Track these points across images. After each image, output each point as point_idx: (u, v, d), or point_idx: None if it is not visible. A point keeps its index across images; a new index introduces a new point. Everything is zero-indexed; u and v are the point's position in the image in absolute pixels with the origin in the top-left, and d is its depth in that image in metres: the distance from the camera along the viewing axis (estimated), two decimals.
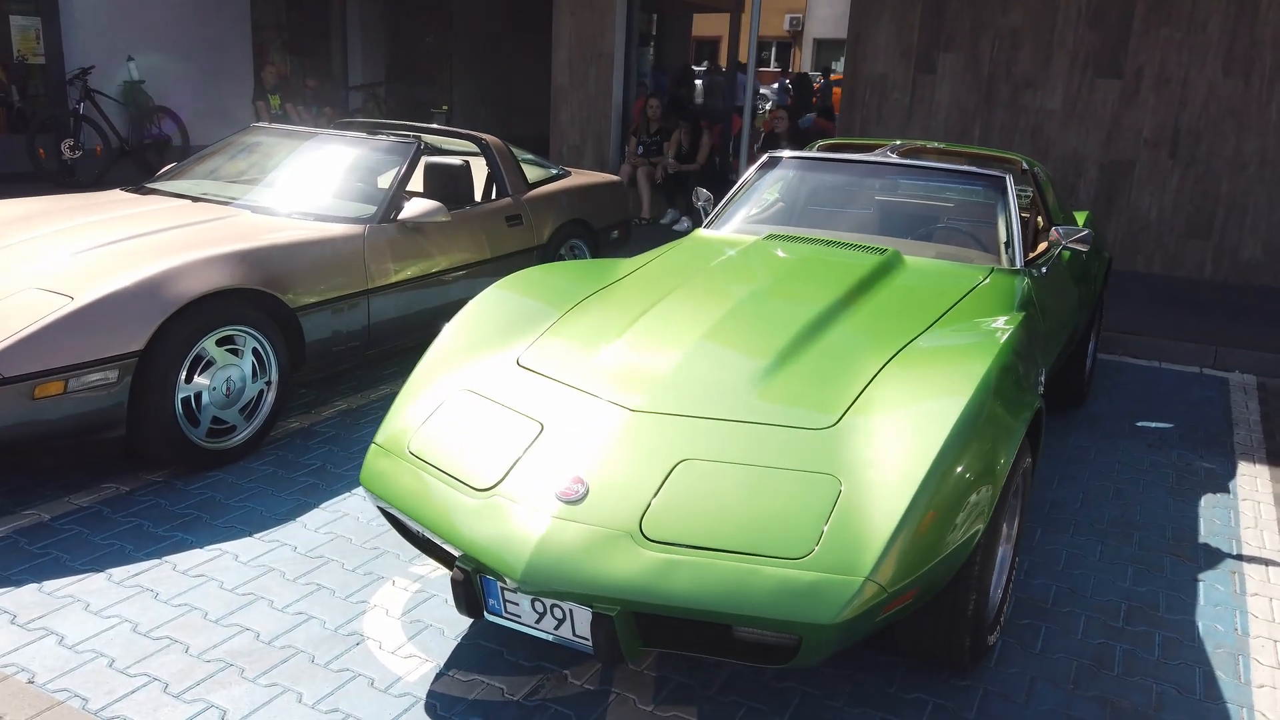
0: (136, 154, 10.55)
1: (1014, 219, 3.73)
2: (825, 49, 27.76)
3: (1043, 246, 4.13)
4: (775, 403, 2.48)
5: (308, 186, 4.62)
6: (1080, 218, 5.23)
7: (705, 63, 15.46)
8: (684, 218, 9.25)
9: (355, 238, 4.25)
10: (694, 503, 2.18)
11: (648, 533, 2.13)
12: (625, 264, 3.60)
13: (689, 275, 3.34)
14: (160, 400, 3.40)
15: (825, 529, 2.10)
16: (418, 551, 3.09)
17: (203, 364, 3.57)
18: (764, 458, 2.29)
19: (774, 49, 29.96)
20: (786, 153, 4.31)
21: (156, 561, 2.97)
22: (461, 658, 2.56)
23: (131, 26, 10.54)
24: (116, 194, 4.65)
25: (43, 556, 2.96)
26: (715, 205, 4.43)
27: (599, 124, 10.05)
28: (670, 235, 8.81)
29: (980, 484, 2.26)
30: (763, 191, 4.26)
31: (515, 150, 5.68)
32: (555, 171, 6.03)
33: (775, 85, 16.95)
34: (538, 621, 2.20)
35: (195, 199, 4.48)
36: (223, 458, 3.68)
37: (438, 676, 2.48)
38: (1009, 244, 3.66)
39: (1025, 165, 4.36)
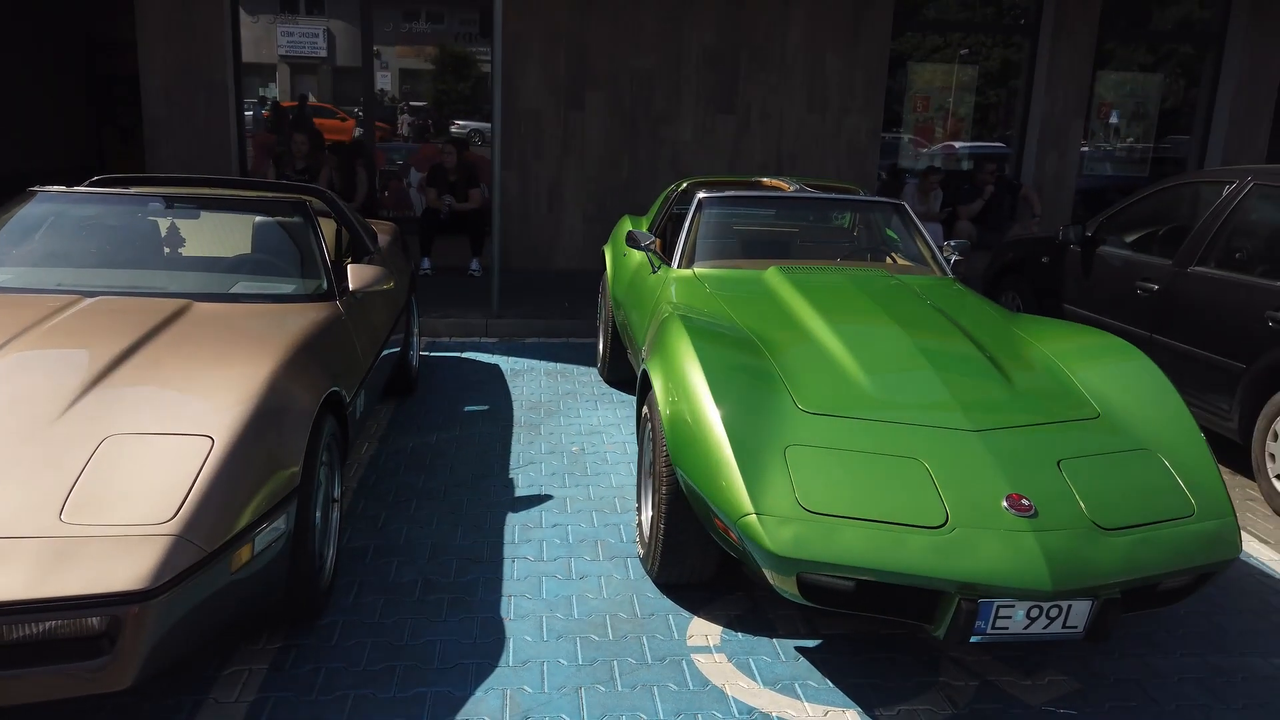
0: None
1: (926, 236, 4.63)
2: (300, 72, 26.81)
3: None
4: (1040, 403, 3.01)
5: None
6: None
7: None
8: None
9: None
10: (1104, 490, 2.65)
11: (1103, 523, 2.55)
12: (701, 300, 3.79)
13: (783, 307, 3.67)
14: (310, 540, 2.71)
15: (1184, 489, 2.74)
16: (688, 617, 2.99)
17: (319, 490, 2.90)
18: (1095, 446, 2.83)
19: None
20: (711, 193, 4.68)
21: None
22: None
23: None
24: None
25: None
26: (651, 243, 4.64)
27: (214, 160, 8.90)
28: None
29: None
30: (699, 229, 4.56)
31: None
32: None
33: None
34: (1027, 627, 2.48)
35: (68, 291, 3.39)
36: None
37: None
38: (934, 257, 4.55)
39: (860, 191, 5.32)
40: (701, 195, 4.67)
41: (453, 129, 9.73)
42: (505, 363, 6.09)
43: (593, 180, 9.23)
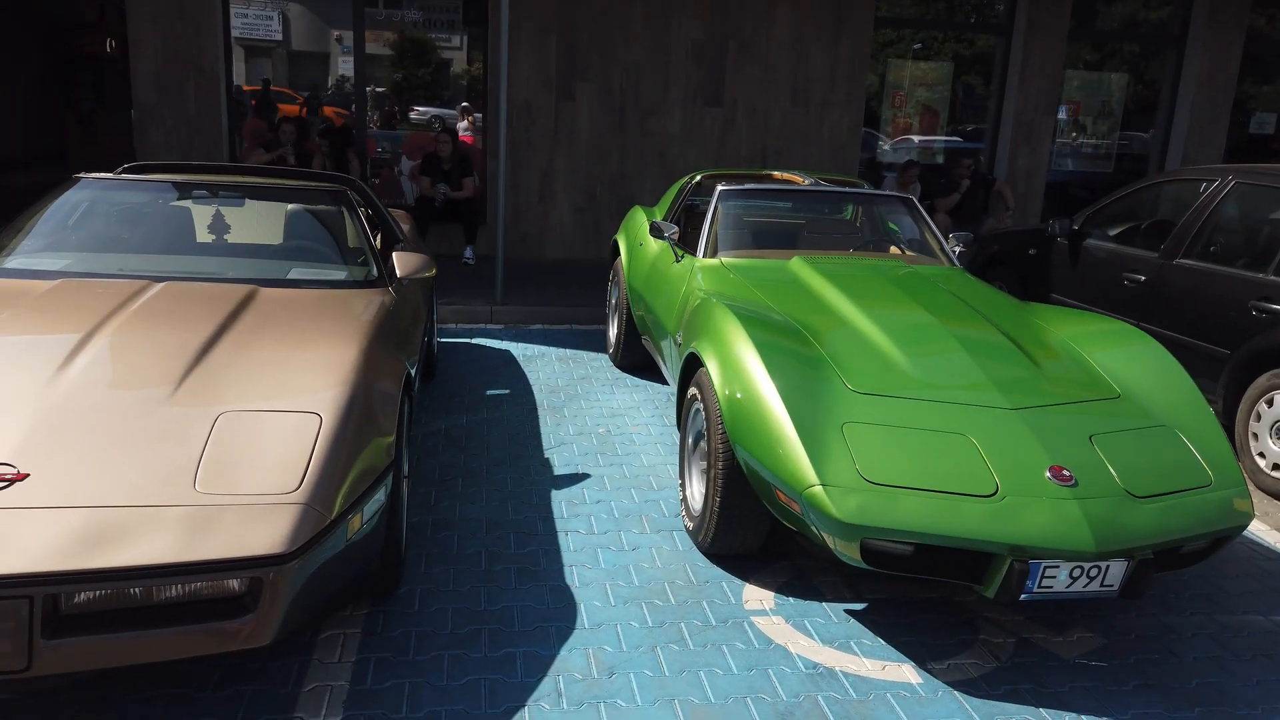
0: None
1: (934, 229, 4.89)
2: (254, 56, 26.37)
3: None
4: (1066, 384, 3.27)
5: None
6: None
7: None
8: None
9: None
10: (1133, 462, 2.91)
11: (1134, 491, 2.81)
12: (734, 288, 3.99)
13: (814, 295, 3.90)
14: (399, 511, 2.88)
15: (1201, 461, 3.01)
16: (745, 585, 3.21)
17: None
18: (1119, 423, 3.09)
19: None
20: (733, 186, 4.88)
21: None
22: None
23: None
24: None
25: None
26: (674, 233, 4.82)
27: (205, 147, 8.89)
28: None
29: None
30: (721, 220, 4.75)
31: None
32: None
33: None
34: (1069, 586, 2.73)
35: (153, 278, 3.50)
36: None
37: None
38: (942, 248, 4.81)
39: (865, 185, 5.57)
40: (723, 188, 4.86)
41: (412, 115, 9.86)
42: (515, 348, 6.24)
43: (582, 171, 9.38)
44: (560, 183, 9.39)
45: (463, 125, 9.84)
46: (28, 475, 2.24)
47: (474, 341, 6.40)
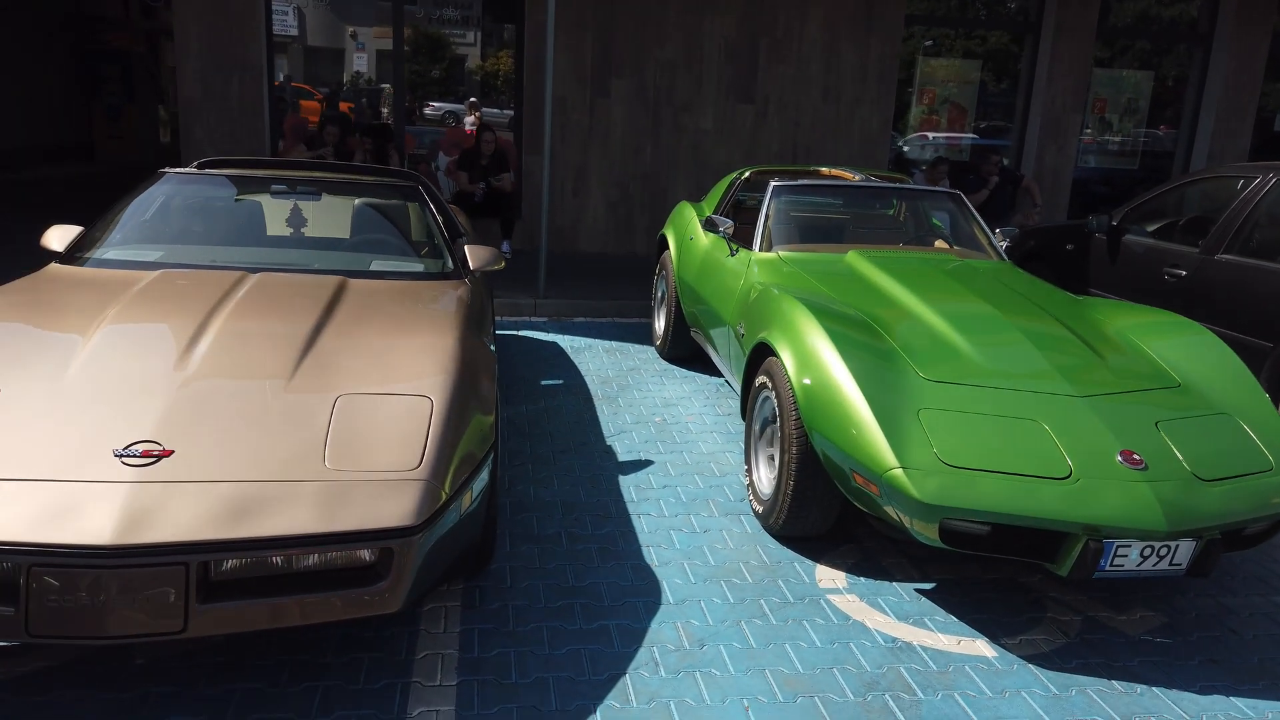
0: None
1: (983, 224, 5.01)
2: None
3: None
4: (1127, 373, 3.40)
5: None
6: None
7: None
8: None
9: None
10: (1197, 447, 3.04)
11: (1201, 474, 2.94)
12: (793, 281, 4.11)
13: (875, 287, 4.03)
14: (496, 491, 3.02)
15: (1262, 447, 3.13)
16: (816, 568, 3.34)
17: None
18: (1182, 410, 3.22)
19: None
20: (786, 181, 5.01)
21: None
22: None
23: None
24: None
25: None
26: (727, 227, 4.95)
27: (248, 143, 9.04)
28: None
29: None
30: (775, 215, 4.88)
31: None
32: None
33: None
34: (1139, 565, 2.86)
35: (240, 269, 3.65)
36: None
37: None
38: (990, 243, 4.93)
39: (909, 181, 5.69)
40: (776, 183, 4.98)
41: (426, 111, 10.04)
42: (563, 340, 6.38)
43: (616, 166, 9.51)
44: (594, 178, 9.52)
45: (469, 120, 10.02)
46: (172, 452, 2.39)
47: (521, 334, 6.54)
